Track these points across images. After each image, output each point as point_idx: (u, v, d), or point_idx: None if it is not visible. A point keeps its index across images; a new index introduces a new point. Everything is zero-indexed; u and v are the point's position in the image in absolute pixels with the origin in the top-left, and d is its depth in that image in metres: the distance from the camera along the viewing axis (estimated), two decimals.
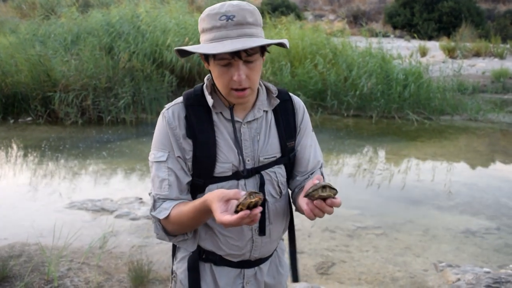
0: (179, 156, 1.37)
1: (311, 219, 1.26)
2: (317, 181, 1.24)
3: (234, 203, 1.17)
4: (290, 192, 1.56)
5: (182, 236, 1.41)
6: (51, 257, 3.22)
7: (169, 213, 1.33)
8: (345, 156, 6.57)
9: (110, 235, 3.79)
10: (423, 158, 6.35)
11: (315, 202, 1.21)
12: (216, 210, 1.17)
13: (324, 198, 1.20)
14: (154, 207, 1.38)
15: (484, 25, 21.83)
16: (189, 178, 1.39)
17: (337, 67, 9.05)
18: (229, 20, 1.25)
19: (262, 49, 1.33)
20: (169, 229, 1.38)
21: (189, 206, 1.30)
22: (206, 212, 1.25)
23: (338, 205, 1.21)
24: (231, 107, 1.39)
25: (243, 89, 1.31)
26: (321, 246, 3.69)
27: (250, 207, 1.13)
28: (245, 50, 1.25)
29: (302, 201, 1.27)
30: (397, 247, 3.71)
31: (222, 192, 1.20)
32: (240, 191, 1.18)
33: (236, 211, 1.14)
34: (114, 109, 8.02)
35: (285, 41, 1.31)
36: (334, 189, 1.20)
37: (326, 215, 1.25)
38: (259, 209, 1.14)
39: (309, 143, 1.53)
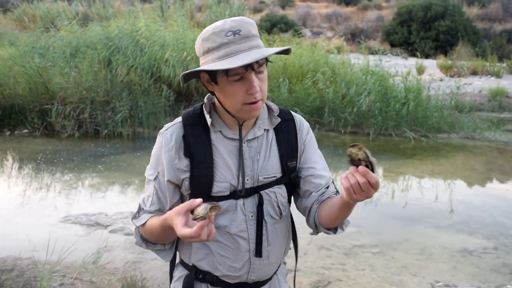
0: (168, 180, 1.37)
1: (352, 199, 1.21)
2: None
3: (191, 216, 1.18)
4: (308, 209, 1.47)
5: (160, 246, 1.43)
6: (43, 272, 3.18)
7: (145, 222, 1.38)
8: (342, 173, 6.54)
9: (104, 250, 3.74)
10: (420, 176, 6.34)
11: (359, 168, 1.17)
12: (177, 224, 1.17)
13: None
14: (137, 214, 1.43)
15: (480, 44, 22.00)
16: (173, 201, 1.39)
17: (335, 84, 9.08)
18: (236, 35, 1.25)
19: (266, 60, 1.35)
20: (145, 236, 1.42)
21: (156, 221, 1.33)
22: (169, 228, 1.25)
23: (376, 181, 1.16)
24: (240, 125, 1.39)
25: (256, 102, 1.31)
26: (317, 264, 3.65)
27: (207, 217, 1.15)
28: (257, 61, 1.26)
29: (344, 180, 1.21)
30: (394, 266, 3.68)
31: (180, 206, 1.20)
32: (194, 200, 1.17)
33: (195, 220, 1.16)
34: (111, 123, 8.00)
35: (289, 47, 1.33)
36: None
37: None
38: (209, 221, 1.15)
39: (318, 158, 1.51)
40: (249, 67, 1.26)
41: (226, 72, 1.26)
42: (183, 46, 9.22)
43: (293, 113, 1.52)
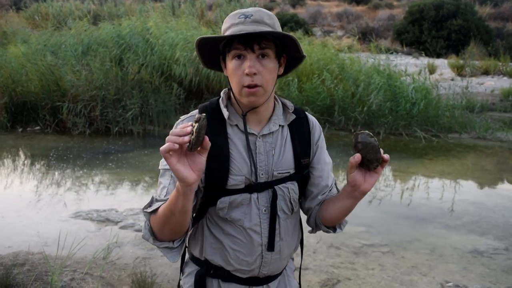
0: None
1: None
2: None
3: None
4: (311, 210, 1.51)
5: (167, 243, 1.32)
6: (54, 267, 3.21)
7: (157, 209, 1.28)
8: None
9: (114, 246, 3.78)
10: (430, 176, 6.30)
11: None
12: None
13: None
14: (148, 204, 1.33)
15: (493, 44, 21.80)
16: None
17: (345, 82, 9.05)
18: (247, 18, 1.31)
19: (278, 52, 1.36)
20: (155, 228, 1.30)
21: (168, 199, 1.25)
22: (178, 194, 1.17)
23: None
24: (243, 115, 1.39)
25: (255, 86, 1.31)
26: (326, 263, 3.64)
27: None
28: (258, 44, 1.29)
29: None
30: (404, 266, 3.66)
31: None
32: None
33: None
34: (122, 120, 8.06)
35: (294, 37, 1.32)
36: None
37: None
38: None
39: (327, 160, 1.54)
40: (247, 46, 1.29)
41: (229, 49, 1.32)
42: (192, 46, 9.25)
43: (306, 112, 1.54)
